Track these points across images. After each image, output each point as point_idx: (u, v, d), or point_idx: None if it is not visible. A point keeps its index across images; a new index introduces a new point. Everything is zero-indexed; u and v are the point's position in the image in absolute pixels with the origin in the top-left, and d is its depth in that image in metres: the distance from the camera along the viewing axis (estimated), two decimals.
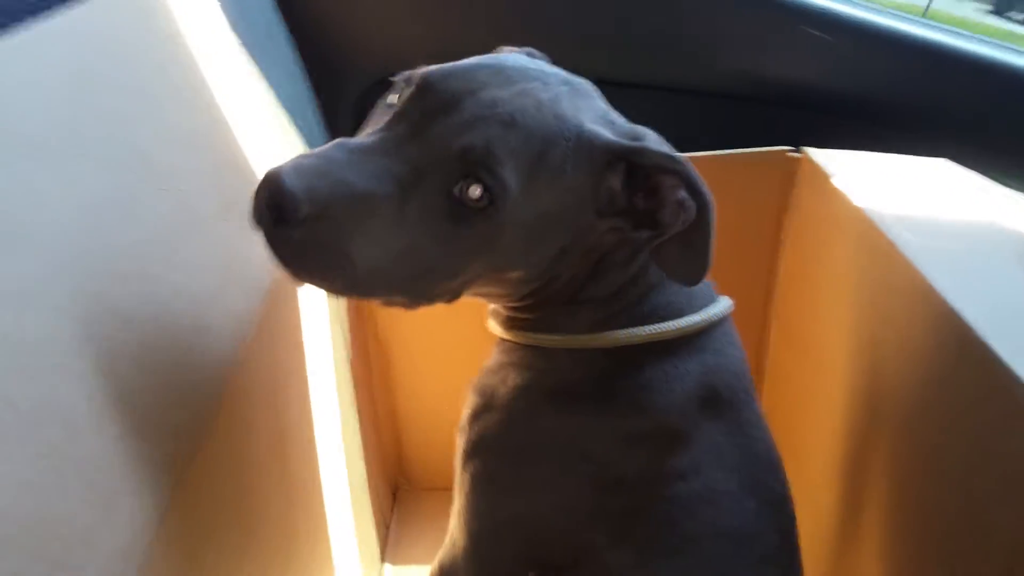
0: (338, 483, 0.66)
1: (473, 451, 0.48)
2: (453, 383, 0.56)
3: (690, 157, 0.69)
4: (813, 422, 0.71)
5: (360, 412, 0.75)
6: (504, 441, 0.47)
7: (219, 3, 0.57)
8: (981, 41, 0.87)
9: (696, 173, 0.42)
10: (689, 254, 0.43)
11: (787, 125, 0.89)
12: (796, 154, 0.71)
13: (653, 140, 0.43)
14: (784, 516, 0.49)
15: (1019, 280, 0.51)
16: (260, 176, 0.53)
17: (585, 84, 0.45)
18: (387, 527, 0.85)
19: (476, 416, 0.49)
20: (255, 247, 0.49)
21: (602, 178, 0.42)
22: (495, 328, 0.52)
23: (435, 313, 0.76)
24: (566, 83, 0.43)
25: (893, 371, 0.55)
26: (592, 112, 0.43)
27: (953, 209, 0.61)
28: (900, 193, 0.62)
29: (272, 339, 0.50)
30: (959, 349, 0.46)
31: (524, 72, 0.41)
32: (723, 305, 0.50)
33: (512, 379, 0.48)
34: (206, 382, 0.40)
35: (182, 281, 0.39)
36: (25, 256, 0.30)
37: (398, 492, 0.90)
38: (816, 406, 0.70)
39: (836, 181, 0.63)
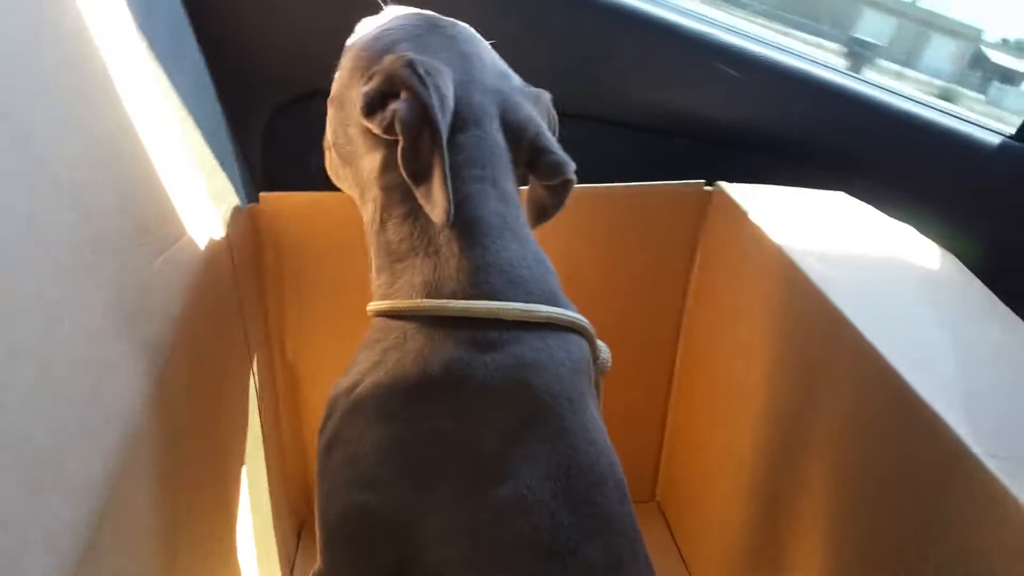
0: (242, 520, 0.62)
1: (320, 452, 0.46)
2: None
3: (610, 188, 0.72)
4: (723, 442, 0.73)
5: (266, 440, 0.71)
6: (330, 438, 0.45)
7: (126, 3, 0.53)
8: (873, 84, 0.94)
9: (432, 99, 0.44)
10: (429, 185, 0.44)
11: (696, 158, 0.92)
12: (709, 187, 0.73)
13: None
14: (614, 534, 0.45)
15: (923, 309, 0.54)
16: (173, 196, 0.51)
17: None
18: (292, 565, 0.81)
19: (325, 419, 0.47)
20: (169, 270, 0.46)
21: (369, 75, 0.48)
22: None
23: (348, 332, 0.74)
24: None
25: (804, 395, 0.57)
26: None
27: (856, 241, 0.64)
28: (807, 225, 0.65)
29: (185, 368, 0.46)
30: (869, 375, 0.48)
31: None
32: (560, 312, 0.47)
33: (351, 371, 0.47)
34: (115, 422, 0.36)
35: (88, 316, 0.35)
36: None
37: (304, 528, 0.86)
38: (726, 427, 0.72)
39: (752, 216, 0.65)
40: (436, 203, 0.44)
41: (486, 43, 0.54)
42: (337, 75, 0.54)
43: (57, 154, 0.36)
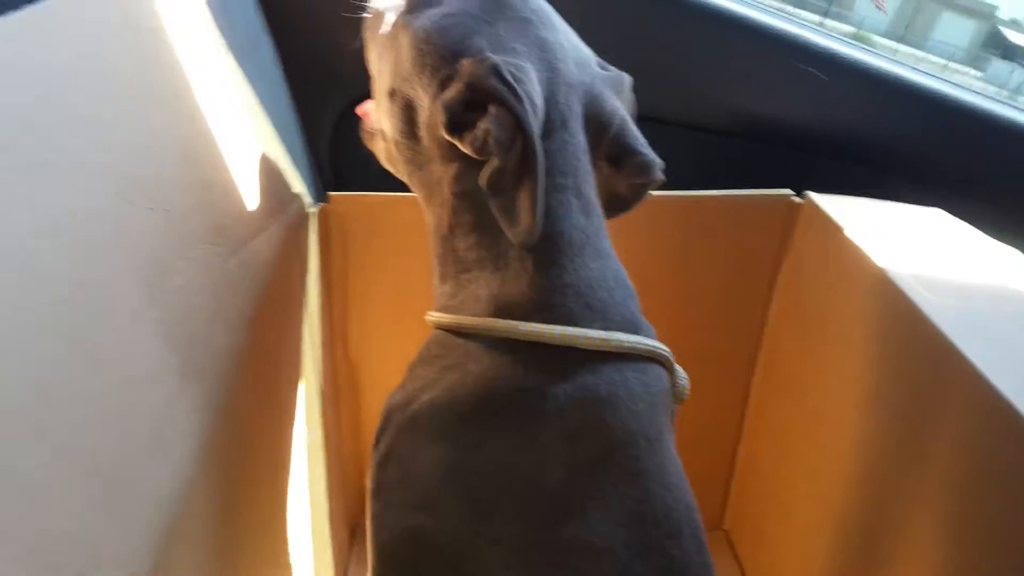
0: (301, 523, 0.61)
1: (374, 466, 0.44)
2: None
3: (689, 196, 0.68)
4: (803, 472, 0.68)
5: (326, 441, 0.69)
6: (385, 453, 0.43)
7: (205, 1, 0.52)
8: (969, 91, 0.88)
9: (527, 114, 0.40)
10: (515, 199, 0.40)
11: (775, 165, 0.88)
12: (798, 198, 0.69)
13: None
14: None
15: None
16: (246, 194, 0.49)
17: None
18: (345, 571, 0.79)
19: (380, 432, 0.44)
20: (241, 271, 0.44)
21: (442, 78, 0.43)
22: None
23: (411, 335, 0.72)
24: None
25: (908, 429, 0.52)
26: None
27: (960, 264, 0.59)
28: (906, 245, 0.61)
29: (253, 372, 0.45)
30: (984, 411, 0.44)
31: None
32: (640, 340, 0.43)
33: (407, 384, 0.44)
34: (186, 434, 0.34)
35: (166, 322, 0.34)
36: None
37: (359, 529, 0.85)
38: (808, 456, 0.68)
39: (848, 232, 0.60)
40: (520, 223, 0.40)
41: (558, 18, 0.49)
42: (390, 59, 0.47)
43: (139, 156, 0.35)
